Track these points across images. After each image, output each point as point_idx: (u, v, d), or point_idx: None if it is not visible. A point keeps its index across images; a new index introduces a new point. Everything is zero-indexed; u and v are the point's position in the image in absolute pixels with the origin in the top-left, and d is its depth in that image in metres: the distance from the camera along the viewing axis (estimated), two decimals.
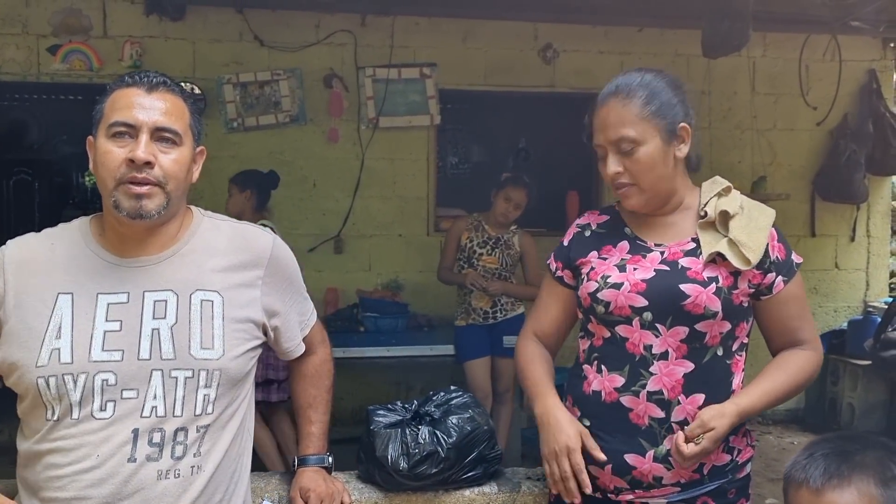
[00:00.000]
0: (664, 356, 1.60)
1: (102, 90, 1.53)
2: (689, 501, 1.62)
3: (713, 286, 1.58)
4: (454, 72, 5.39)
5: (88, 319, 1.45)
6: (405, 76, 5.32)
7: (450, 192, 5.91)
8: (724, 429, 1.54)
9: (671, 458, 1.58)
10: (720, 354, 1.62)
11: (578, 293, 1.73)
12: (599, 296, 1.66)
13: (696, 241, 1.64)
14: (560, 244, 1.83)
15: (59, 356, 1.42)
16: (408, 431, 1.84)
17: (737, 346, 1.65)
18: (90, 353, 1.43)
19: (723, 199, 1.65)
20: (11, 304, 1.46)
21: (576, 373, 1.75)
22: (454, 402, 1.92)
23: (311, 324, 1.78)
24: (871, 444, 1.26)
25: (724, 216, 1.62)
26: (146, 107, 1.46)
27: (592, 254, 1.74)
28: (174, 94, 1.51)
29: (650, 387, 1.60)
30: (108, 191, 1.45)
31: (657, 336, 1.60)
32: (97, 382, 1.42)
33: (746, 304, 1.63)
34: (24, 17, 4.95)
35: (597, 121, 1.65)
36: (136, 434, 1.42)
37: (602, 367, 1.67)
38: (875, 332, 4.58)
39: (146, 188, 1.44)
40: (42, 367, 1.42)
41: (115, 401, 1.42)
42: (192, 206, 1.64)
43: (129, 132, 1.45)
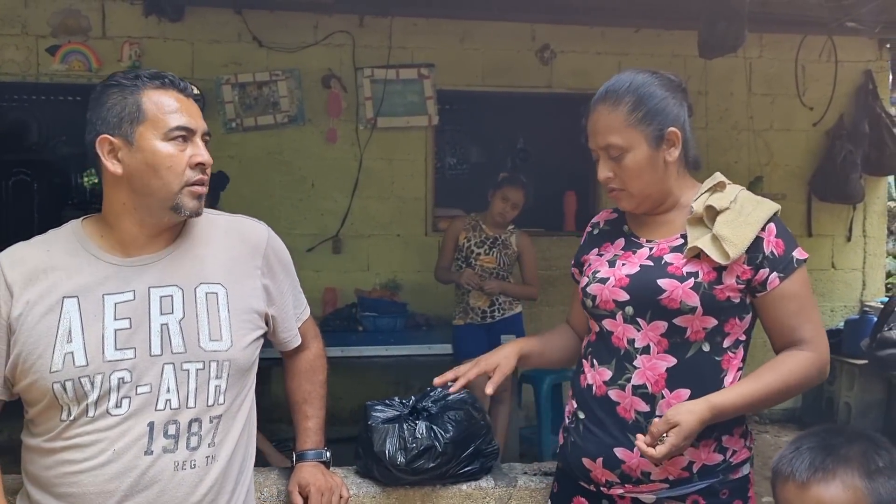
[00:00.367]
0: (646, 350, 1.62)
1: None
2: (679, 499, 1.62)
3: (691, 281, 1.58)
4: (452, 72, 5.41)
5: (98, 320, 1.46)
6: (403, 77, 5.33)
7: (448, 193, 5.93)
8: (692, 425, 1.49)
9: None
10: (706, 350, 1.61)
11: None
12: (588, 290, 1.71)
13: (685, 237, 1.65)
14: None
15: (74, 359, 1.44)
16: (405, 426, 1.86)
17: (729, 343, 1.63)
18: (104, 354, 1.45)
19: (715, 195, 1.65)
20: (17, 314, 1.46)
21: (577, 368, 1.79)
22: (451, 398, 1.94)
23: (305, 316, 1.81)
24: (856, 437, 1.28)
25: (711, 211, 1.62)
26: (193, 111, 1.52)
27: (593, 251, 1.79)
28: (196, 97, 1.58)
29: (634, 380, 1.62)
30: (172, 193, 1.48)
31: (638, 330, 1.63)
32: (113, 381, 1.44)
33: (738, 301, 1.61)
34: (24, 18, 4.96)
35: (589, 126, 1.68)
36: (152, 427, 1.45)
37: (594, 362, 1.70)
38: (871, 332, 4.60)
39: (205, 188, 1.52)
40: (57, 372, 1.43)
41: (130, 397, 1.45)
42: None
43: (184, 135, 1.49)
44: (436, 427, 1.86)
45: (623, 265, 1.67)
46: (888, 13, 4.77)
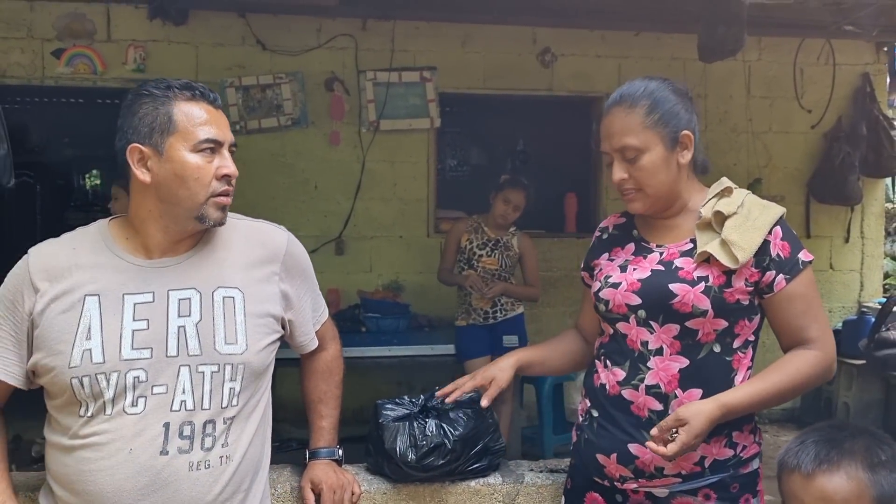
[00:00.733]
0: (659, 352, 1.66)
1: (108, 94, 1.59)
2: (691, 493, 1.66)
3: (702, 285, 1.62)
4: (454, 75, 5.45)
5: (117, 319, 1.50)
6: (405, 80, 5.38)
7: (449, 195, 5.96)
8: (702, 424, 1.54)
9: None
10: (717, 351, 1.66)
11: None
12: (600, 294, 1.75)
13: (695, 242, 1.69)
14: None
15: (91, 356, 1.47)
16: (415, 424, 1.89)
17: (739, 344, 1.67)
18: (121, 352, 1.48)
19: (723, 200, 1.69)
20: (40, 309, 1.50)
21: (590, 368, 1.83)
22: (460, 397, 1.97)
23: (324, 319, 1.84)
24: (859, 432, 1.33)
25: (719, 216, 1.67)
26: (221, 123, 1.56)
27: (604, 256, 1.83)
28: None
29: (648, 381, 1.66)
30: (198, 203, 1.52)
31: (651, 333, 1.67)
32: (129, 380, 1.47)
33: (747, 303, 1.65)
34: (29, 22, 5.00)
35: (602, 129, 1.72)
36: (168, 428, 1.47)
37: (608, 362, 1.74)
38: (869, 332, 4.64)
39: (230, 199, 1.57)
40: (75, 368, 1.47)
41: (146, 396, 1.48)
42: None
43: (213, 147, 1.53)
44: (445, 425, 1.90)
45: (634, 270, 1.72)
46: (886, 17, 4.81)
